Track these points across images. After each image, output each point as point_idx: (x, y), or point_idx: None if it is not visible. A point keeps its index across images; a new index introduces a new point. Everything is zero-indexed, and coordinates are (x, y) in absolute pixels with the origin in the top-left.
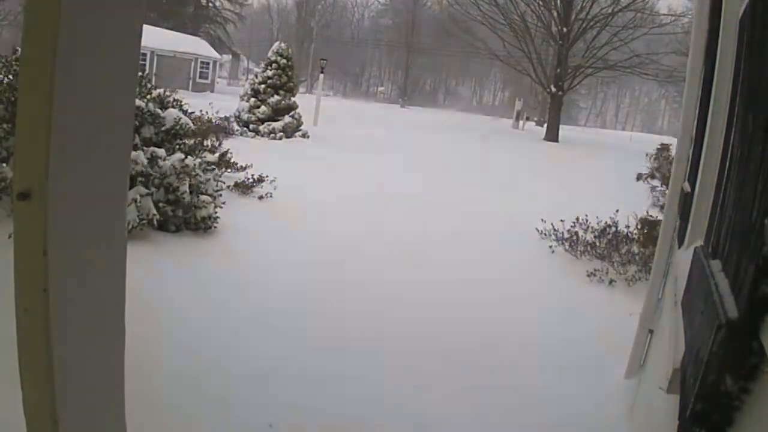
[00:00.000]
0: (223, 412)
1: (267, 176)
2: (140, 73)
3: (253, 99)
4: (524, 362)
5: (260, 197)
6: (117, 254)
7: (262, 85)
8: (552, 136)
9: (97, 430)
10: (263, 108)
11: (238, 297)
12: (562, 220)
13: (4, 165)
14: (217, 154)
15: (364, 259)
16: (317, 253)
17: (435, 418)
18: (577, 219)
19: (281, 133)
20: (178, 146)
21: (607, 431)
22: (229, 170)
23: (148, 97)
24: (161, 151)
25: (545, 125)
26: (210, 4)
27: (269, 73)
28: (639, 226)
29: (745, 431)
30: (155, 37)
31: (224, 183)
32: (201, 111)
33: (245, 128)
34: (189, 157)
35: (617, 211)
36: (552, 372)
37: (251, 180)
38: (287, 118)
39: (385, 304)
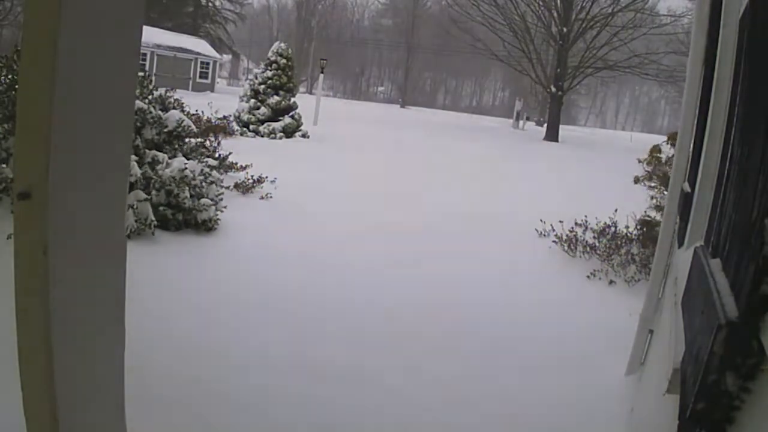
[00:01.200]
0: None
1: (267, 176)
2: (141, 74)
3: (252, 100)
4: (525, 359)
5: (261, 197)
6: (117, 254)
7: (262, 86)
8: (552, 136)
9: (97, 430)
10: (263, 109)
11: (236, 296)
12: (561, 221)
13: (4, 165)
14: (218, 155)
15: (362, 258)
16: (316, 253)
17: (431, 413)
18: (576, 222)
19: (281, 134)
20: (178, 146)
21: (607, 428)
22: (229, 171)
23: (150, 98)
24: (162, 155)
25: (545, 125)
26: (210, 4)
27: (269, 73)
28: (638, 227)
29: (746, 431)
30: (155, 37)
31: (225, 187)
32: (197, 110)
33: (245, 128)
34: (191, 160)
35: (616, 211)
36: (552, 369)
37: (251, 180)
38: (287, 119)
39: (379, 302)
